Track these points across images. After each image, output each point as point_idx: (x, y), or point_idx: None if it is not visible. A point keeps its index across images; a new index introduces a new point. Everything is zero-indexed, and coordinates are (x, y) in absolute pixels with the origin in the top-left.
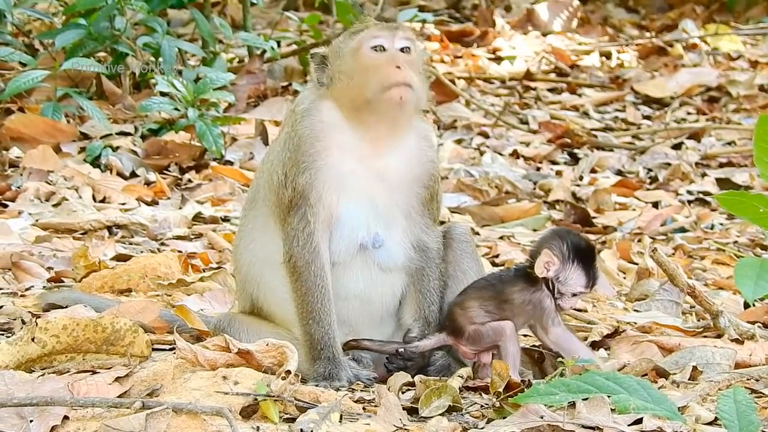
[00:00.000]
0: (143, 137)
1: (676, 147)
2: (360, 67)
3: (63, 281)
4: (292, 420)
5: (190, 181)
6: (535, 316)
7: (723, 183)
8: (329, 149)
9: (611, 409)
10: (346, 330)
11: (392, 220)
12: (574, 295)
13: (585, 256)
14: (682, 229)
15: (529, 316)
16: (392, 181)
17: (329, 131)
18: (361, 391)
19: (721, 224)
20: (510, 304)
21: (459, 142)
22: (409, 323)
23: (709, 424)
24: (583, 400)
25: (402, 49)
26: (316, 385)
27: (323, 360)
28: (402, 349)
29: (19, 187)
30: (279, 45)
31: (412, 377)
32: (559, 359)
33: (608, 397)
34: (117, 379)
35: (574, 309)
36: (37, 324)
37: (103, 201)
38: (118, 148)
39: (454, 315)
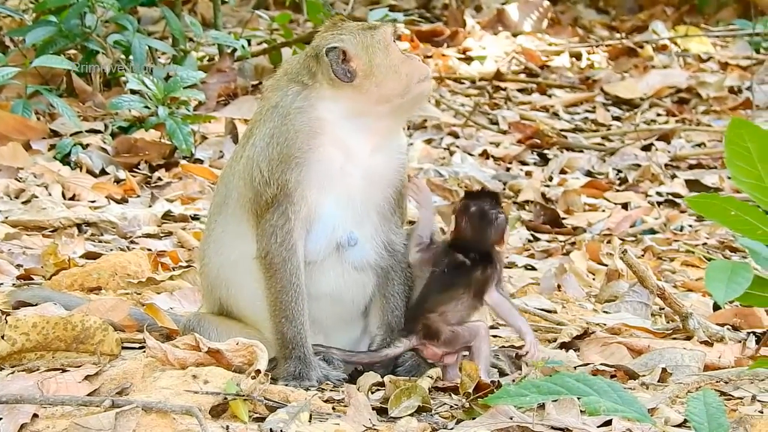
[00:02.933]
0: (113, 135)
1: (646, 148)
2: (396, 61)
3: (32, 279)
4: (262, 419)
5: (159, 179)
6: (482, 280)
7: (692, 185)
8: (324, 146)
9: (581, 411)
10: (315, 329)
11: (367, 219)
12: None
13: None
14: (652, 231)
15: (485, 283)
16: (375, 178)
17: (326, 128)
18: (331, 390)
19: (691, 226)
20: (472, 280)
21: (429, 142)
22: (373, 331)
23: (679, 426)
24: (552, 401)
25: None
26: (286, 385)
27: (294, 359)
28: (361, 368)
29: None
30: (249, 43)
31: (382, 377)
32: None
33: (578, 398)
34: (87, 377)
35: (541, 309)
36: (6, 321)
37: (72, 198)
38: (88, 145)
39: (429, 321)
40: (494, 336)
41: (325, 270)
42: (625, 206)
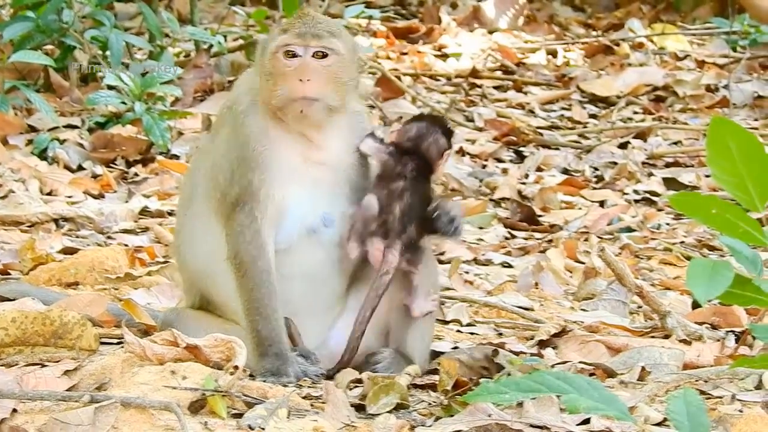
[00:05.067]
0: (90, 130)
1: (623, 146)
2: (274, 72)
3: (10, 274)
4: (240, 415)
5: (136, 174)
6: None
7: (669, 183)
8: (275, 145)
9: (560, 409)
10: (287, 312)
11: (339, 196)
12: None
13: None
14: (629, 229)
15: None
16: (335, 165)
17: (271, 130)
18: (309, 387)
19: (668, 224)
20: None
21: None
22: None
23: (658, 424)
24: (531, 399)
25: (315, 54)
26: (264, 381)
27: (271, 356)
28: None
29: None
30: (226, 39)
31: (360, 374)
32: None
33: (558, 396)
34: (65, 372)
35: (519, 307)
36: None
37: (49, 194)
38: (65, 141)
39: (408, 233)
40: (471, 333)
41: (299, 252)
42: (601, 204)
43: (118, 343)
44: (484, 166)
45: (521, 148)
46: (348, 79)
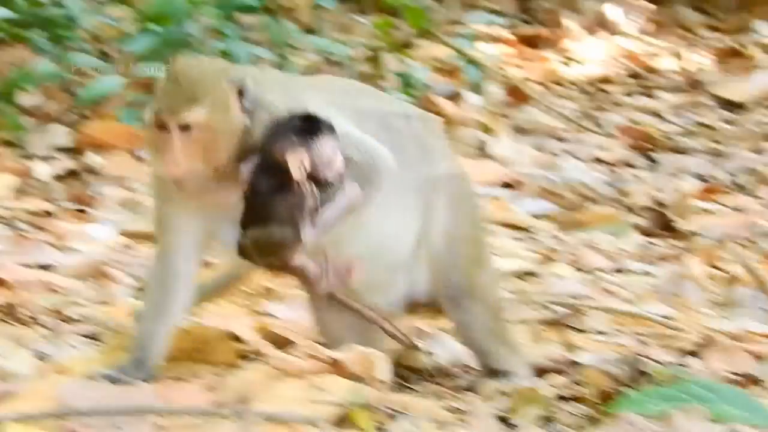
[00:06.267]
0: None
1: (758, 151)
2: (149, 142)
3: None
4: (383, 429)
5: None
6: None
7: None
8: (174, 203)
9: (707, 419)
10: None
11: None
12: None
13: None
14: None
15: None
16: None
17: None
18: (453, 399)
19: None
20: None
21: (537, 147)
22: None
23: None
24: (678, 409)
25: (186, 127)
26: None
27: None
28: None
29: (98, 194)
30: (351, 50)
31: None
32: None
33: (704, 406)
34: (207, 387)
35: (662, 316)
36: (126, 333)
37: None
38: None
39: None
40: (613, 343)
41: None
42: (739, 210)
43: (259, 358)
44: (617, 174)
45: (654, 155)
46: (228, 135)
